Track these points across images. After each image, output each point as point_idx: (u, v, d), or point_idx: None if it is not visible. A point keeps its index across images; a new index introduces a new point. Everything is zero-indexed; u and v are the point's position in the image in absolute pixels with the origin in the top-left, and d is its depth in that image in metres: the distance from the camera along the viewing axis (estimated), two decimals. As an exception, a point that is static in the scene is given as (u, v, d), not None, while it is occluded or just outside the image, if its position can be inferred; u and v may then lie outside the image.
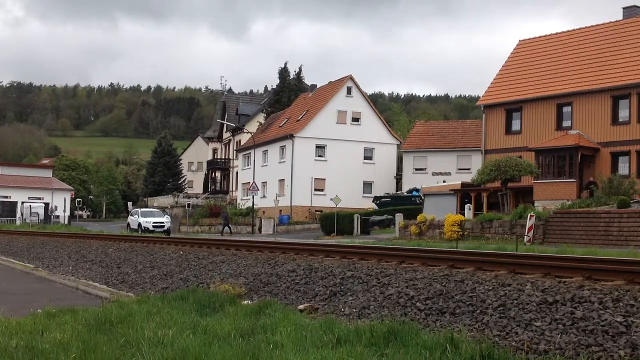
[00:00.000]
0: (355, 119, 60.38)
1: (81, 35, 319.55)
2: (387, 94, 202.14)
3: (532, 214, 27.53)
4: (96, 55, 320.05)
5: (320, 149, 59.49)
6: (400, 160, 60.39)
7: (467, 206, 35.39)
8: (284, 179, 60.16)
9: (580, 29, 43.02)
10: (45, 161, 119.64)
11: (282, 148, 61.14)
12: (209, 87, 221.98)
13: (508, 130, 41.34)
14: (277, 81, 79.87)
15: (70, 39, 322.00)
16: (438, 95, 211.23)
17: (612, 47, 38.69)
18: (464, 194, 38.73)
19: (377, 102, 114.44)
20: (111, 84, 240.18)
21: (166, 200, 77.08)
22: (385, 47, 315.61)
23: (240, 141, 78.64)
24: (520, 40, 45.77)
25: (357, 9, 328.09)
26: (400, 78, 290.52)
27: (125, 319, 9.31)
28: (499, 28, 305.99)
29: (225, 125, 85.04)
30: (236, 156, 77.75)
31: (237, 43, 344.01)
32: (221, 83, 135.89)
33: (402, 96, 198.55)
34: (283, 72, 78.69)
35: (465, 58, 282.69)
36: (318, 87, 68.09)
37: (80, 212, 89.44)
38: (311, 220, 55.30)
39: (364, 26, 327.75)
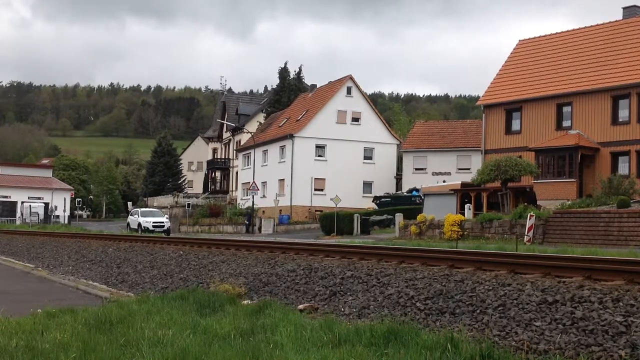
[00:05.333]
0: (355, 119, 60.38)
1: (87, 35, 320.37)
2: (387, 94, 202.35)
3: (532, 213, 27.52)
4: (101, 55, 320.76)
5: (320, 148, 59.49)
6: (400, 160, 60.39)
7: (467, 206, 35.38)
8: (284, 179, 60.15)
9: (580, 29, 43.00)
10: (45, 161, 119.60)
11: (282, 148, 61.14)
12: (208, 87, 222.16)
13: (508, 130, 41.32)
14: (278, 81, 79.92)
15: (76, 40, 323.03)
16: (438, 95, 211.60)
17: (612, 47, 38.67)
18: (464, 194, 38.70)
19: (377, 102, 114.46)
20: (111, 83, 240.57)
21: (166, 200, 77.04)
22: (389, 47, 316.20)
23: (240, 141, 78.65)
24: (520, 40, 45.75)
25: (363, 10, 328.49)
26: (401, 78, 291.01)
27: (125, 319, 9.32)
28: (501, 28, 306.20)
29: (225, 125, 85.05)
30: (236, 156, 77.75)
31: (242, 43, 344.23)
32: (221, 83, 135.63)
33: (402, 96, 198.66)
34: (283, 72, 78.70)
35: (466, 58, 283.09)
36: (318, 87, 68.10)
37: (80, 212, 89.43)
38: (311, 220, 55.30)
39: (369, 27, 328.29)
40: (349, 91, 60.64)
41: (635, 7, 40.96)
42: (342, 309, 10.19)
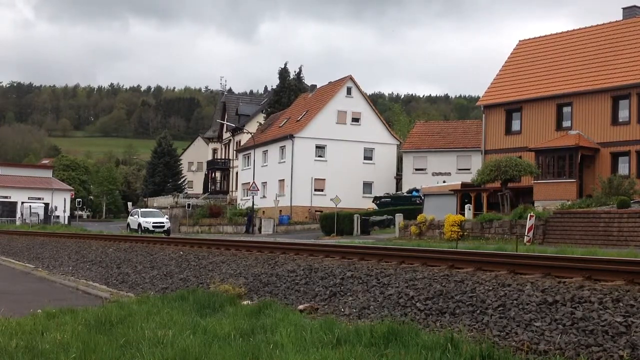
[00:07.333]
0: (355, 119, 60.38)
1: (87, 36, 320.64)
2: (387, 94, 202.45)
3: (532, 214, 27.52)
4: (101, 55, 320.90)
5: (320, 149, 59.50)
6: (400, 161, 60.40)
7: (467, 206, 35.37)
8: (284, 179, 60.16)
9: (580, 29, 43.01)
10: (45, 161, 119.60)
11: (282, 148, 61.14)
12: (209, 87, 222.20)
13: (508, 130, 41.31)
14: (278, 81, 79.92)
15: (76, 40, 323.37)
16: (438, 95, 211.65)
17: (612, 47, 38.66)
18: (464, 194, 38.71)
19: (377, 102, 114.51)
20: (111, 84, 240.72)
21: (166, 200, 77.02)
22: (390, 47, 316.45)
23: (240, 141, 78.64)
24: (520, 41, 45.74)
25: (366, 10, 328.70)
26: (401, 78, 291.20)
27: (125, 319, 9.32)
28: (502, 28, 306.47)
29: (225, 125, 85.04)
30: (236, 156, 77.75)
31: (242, 44, 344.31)
32: (221, 83, 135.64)
33: (402, 96, 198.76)
34: (283, 73, 78.66)
35: (466, 58, 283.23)
36: (318, 87, 68.10)
37: (80, 213, 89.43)
38: (311, 221, 55.29)
39: (371, 27, 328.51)
40: (349, 91, 60.65)
41: (635, 8, 40.95)
42: (342, 309, 10.19)
